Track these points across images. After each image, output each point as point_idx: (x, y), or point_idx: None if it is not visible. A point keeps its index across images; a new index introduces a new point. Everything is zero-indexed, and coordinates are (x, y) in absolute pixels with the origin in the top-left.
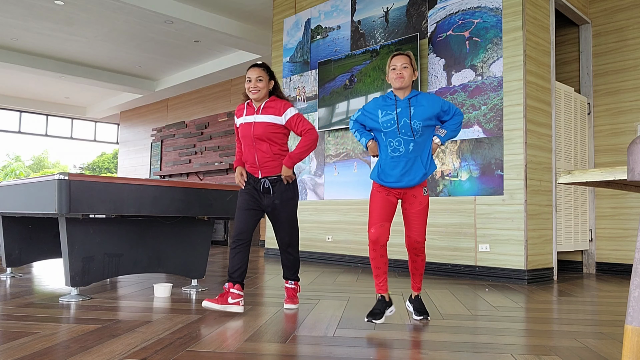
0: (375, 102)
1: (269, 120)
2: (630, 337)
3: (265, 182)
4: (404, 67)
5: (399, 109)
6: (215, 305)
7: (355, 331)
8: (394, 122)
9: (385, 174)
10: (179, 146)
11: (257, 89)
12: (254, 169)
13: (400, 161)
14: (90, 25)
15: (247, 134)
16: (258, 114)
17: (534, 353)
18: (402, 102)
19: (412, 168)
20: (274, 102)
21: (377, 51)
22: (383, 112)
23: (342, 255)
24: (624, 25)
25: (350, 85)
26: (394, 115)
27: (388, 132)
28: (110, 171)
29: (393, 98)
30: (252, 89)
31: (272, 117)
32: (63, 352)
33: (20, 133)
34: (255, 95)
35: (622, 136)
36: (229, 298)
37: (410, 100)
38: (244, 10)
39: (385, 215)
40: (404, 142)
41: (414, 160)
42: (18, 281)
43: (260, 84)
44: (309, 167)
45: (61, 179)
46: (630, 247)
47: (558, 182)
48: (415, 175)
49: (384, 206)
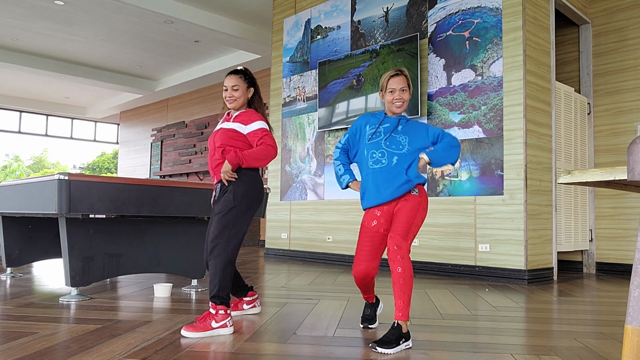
0: (362, 119)
1: (232, 127)
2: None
3: (217, 186)
4: (403, 90)
5: (386, 124)
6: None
7: (355, 331)
8: (380, 134)
9: (367, 193)
10: (179, 146)
11: (233, 98)
12: (212, 176)
13: (382, 173)
14: (90, 25)
15: (212, 139)
16: (228, 121)
17: (534, 353)
18: (391, 120)
19: (395, 178)
20: (247, 113)
21: (377, 51)
22: (371, 126)
23: (342, 255)
24: (624, 25)
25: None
26: (381, 129)
27: (371, 143)
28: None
29: (382, 115)
30: (229, 99)
31: (237, 124)
32: (63, 352)
33: (20, 133)
34: (232, 105)
35: (622, 136)
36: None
37: (399, 120)
38: (244, 10)
39: (372, 252)
40: (387, 154)
41: (397, 173)
42: (18, 281)
43: (236, 93)
44: (309, 167)
45: (61, 179)
46: (630, 247)
47: (558, 182)
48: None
49: (372, 240)
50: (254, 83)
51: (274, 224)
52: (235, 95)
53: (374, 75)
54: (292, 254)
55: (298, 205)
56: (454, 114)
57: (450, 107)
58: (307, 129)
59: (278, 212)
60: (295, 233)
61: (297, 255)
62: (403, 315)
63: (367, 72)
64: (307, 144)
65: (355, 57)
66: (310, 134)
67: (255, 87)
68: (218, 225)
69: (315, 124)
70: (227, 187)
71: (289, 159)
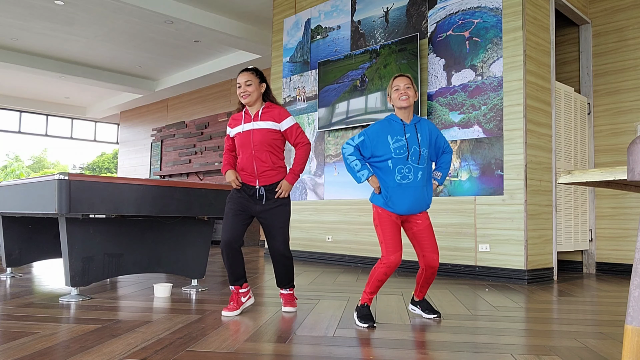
0: (380, 126)
1: (268, 127)
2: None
3: (261, 189)
4: (407, 87)
5: (408, 134)
6: (234, 312)
7: (355, 331)
8: (405, 149)
9: (393, 202)
10: (179, 146)
11: (247, 93)
12: (251, 178)
13: (409, 188)
14: (90, 25)
15: (245, 142)
16: (256, 121)
17: (534, 353)
18: (410, 127)
19: (421, 196)
20: (270, 109)
21: (377, 51)
22: (393, 137)
23: (342, 255)
24: (624, 25)
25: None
26: (404, 142)
27: (398, 159)
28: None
29: (400, 122)
30: (242, 94)
31: (271, 123)
32: (63, 352)
33: (20, 133)
34: (247, 100)
35: (622, 136)
36: (241, 297)
37: (416, 126)
38: (244, 10)
39: (400, 241)
40: (413, 170)
41: (421, 188)
42: (18, 281)
43: (249, 87)
44: (309, 167)
45: (61, 179)
46: (630, 247)
47: (558, 182)
48: (423, 204)
49: (397, 232)
50: (264, 79)
51: None
52: (249, 90)
53: (376, 76)
54: (292, 254)
55: (298, 205)
56: (454, 114)
57: (450, 107)
58: (307, 129)
59: None
60: (295, 233)
61: (297, 255)
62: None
63: (370, 73)
64: None
65: (355, 57)
66: (310, 134)
67: (266, 82)
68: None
69: (315, 124)
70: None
71: (289, 159)
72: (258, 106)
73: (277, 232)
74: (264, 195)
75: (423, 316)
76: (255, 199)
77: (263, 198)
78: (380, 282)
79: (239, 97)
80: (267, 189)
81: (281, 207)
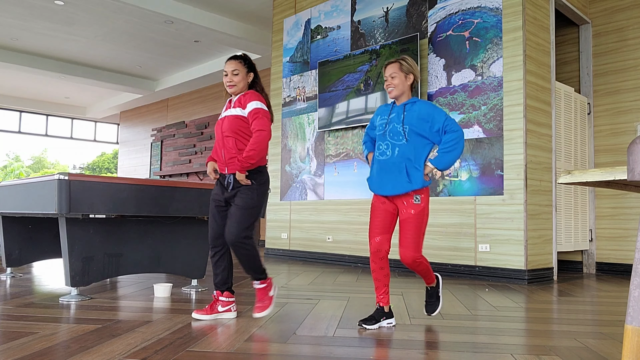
0: (377, 110)
1: (235, 114)
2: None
3: (229, 177)
4: (392, 76)
5: (393, 114)
6: (204, 316)
7: (355, 331)
8: (384, 126)
9: (372, 178)
10: (179, 146)
11: (232, 83)
12: (221, 166)
13: (386, 164)
14: (90, 25)
15: (217, 129)
16: (229, 109)
17: (534, 353)
18: (398, 108)
19: (397, 175)
20: (245, 96)
21: (377, 51)
22: (381, 117)
23: (342, 255)
24: (624, 25)
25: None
26: (386, 119)
27: (379, 134)
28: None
29: (391, 105)
30: (228, 84)
31: (238, 109)
32: (63, 352)
33: (20, 133)
34: (232, 90)
35: (622, 136)
36: (219, 306)
37: (405, 106)
38: (244, 10)
39: (383, 227)
40: (390, 146)
41: (398, 165)
42: (18, 281)
43: (236, 77)
44: (309, 167)
45: (61, 179)
46: (630, 247)
47: (558, 182)
48: (398, 183)
49: (383, 217)
50: (253, 68)
51: (274, 224)
52: (235, 80)
53: (376, 76)
54: (292, 254)
55: (298, 205)
56: (454, 114)
57: (450, 107)
58: (307, 129)
59: (278, 212)
60: (295, 233)
61: (297, 255)
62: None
63: (369, 73)
64: (307, 144)
65: (355, 57)
66: (310, 134)
67: (255, 72)
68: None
69: (315, 124)
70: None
71: (289, 159)
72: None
73: (232, 217)
74: (231, 182)
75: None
76: (225, 187)
77: (230, 185)
78: (373, 273)
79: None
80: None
81: (245, 190)
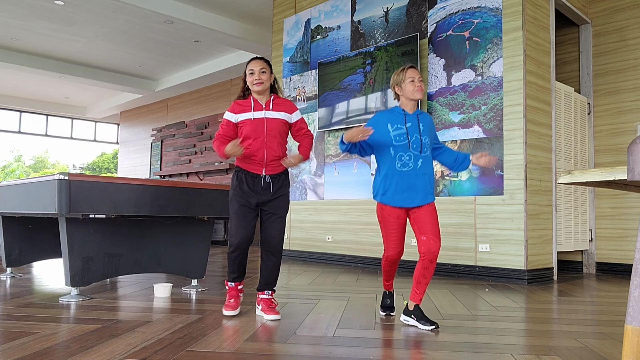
0: (381, 115)
1: (280, 117)
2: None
3: (266, 177)
4: (421, 80)
5: (408, 123)
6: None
7: (355, 331)
8: (405, 136)
9: (392, 191)
10: (179, 146)
11: (261, 81)
12: (257, 167)
13: (409, 176)
14: (90, 25)
15: (259, 129)
16: (269, 110)
17: (534, 353)
18: (412, 117)
19: (422, 187)
20: (280, 100)
21: (377, 51)
22: (393, 125)
23: (342, 255)
24: (624, 25)
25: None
26: (404, 130)
27: (399, 146)
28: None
29: (402, 112)
30: (257, 81)
31: (283, 114)
32: (63, 352)
33: (20, 133)
34: (260, 88)
35: (622, 136)
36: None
37: (418, 117)
38: (244, 10)
39: (401, 239)
40: (413, 157)
41: (422, 177)
42: (18, 281)
43: (264, 75)
44: (309, 167)
45: (61, 179)
46: (630, 247)
47: (558, 182)
48: (422, 194)
49: (400, 230)
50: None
51: None
52: (263, 78)
53: (376, 76)
54: (292, 254)
55: (298, 205)
56: (454, 114)
57: (450, 107)
58: None
59: None
60: (295, 233)
61: (297, 255)
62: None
63: (369, 73)
64: None
65: (355, 57)
66: None
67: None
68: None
69: (315, 124)
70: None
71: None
72: (267, 96)
73: (277, 222)
74: (270, 183)
75: (419, 328)
76: (260, 188)
77: (270, 186)
78: (386, 271)
79: (249, 84)
80: (272, 177)
81: (284, 197)
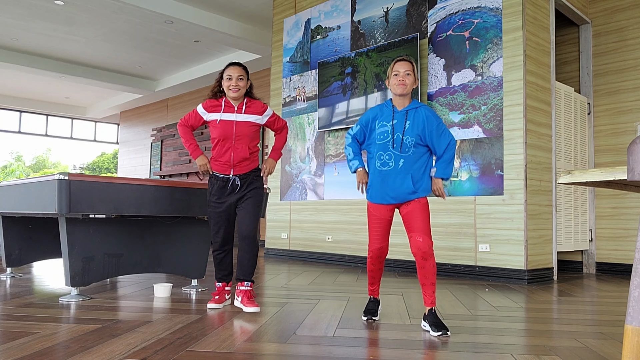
0: (372, 111)
1: (252, 120)
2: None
3: (236, 179)
4: (407, 73)
5: (395, 120)
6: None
7: (355, 331)
8: (388, 134)
9: (374, 190)
10: (179, 146)
11: (237, 88)
12: (224, 168)
13: (389, 176)
14: (90, 25)
15: (227, 132)
16: (240, 113)
17: (534, 353)
18: (400, 114)
19: (402, 185)
20: (253, 103)
21: (377, 51)
22: (379, 122)
23: (342, 255)
24: (624, 25)
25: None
26: (389, 128)
27: (380, 144)
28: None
29: (391, 108)
30: (233, 87)
31: (254, 116)
32: (63, 352)
33: (20, 133)
34: (236, 94)
35: (622, 136)
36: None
37: (408, 113)
38: (244, 10)
39: (384, 235)
40: (394, 157)
41: (403, 177)
42: (18, 281)
43: (241, 82)
44: (309, 167)
45: (61, 179)
46: (630, 247)
47: (558, 182)
48: (403, 192)
49: (384, 225)
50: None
51: (274, 224)
52: (240, 85)
53: (376, 76)
54: (292, 254)
55: (298, 205)
56: (454, 114)
57: (450, 107)
58: (307, 129)
59: (278, 212)
60: (295, 233)
61: (297, 255)
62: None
63: (370, 73)
64: (307, 144)
65: (355, 57)
66: (310, 134)
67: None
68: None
69: (315, 124)
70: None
71: (289, 159)
72: (240, 100)
73: (248, 213)
74: (238, 184)
75: (430, 333)
76: (231, 190)
77: (238, 187)
78: (370, 271)
79: (225, 89)
80: (241, 177)
81: (256, 190)
